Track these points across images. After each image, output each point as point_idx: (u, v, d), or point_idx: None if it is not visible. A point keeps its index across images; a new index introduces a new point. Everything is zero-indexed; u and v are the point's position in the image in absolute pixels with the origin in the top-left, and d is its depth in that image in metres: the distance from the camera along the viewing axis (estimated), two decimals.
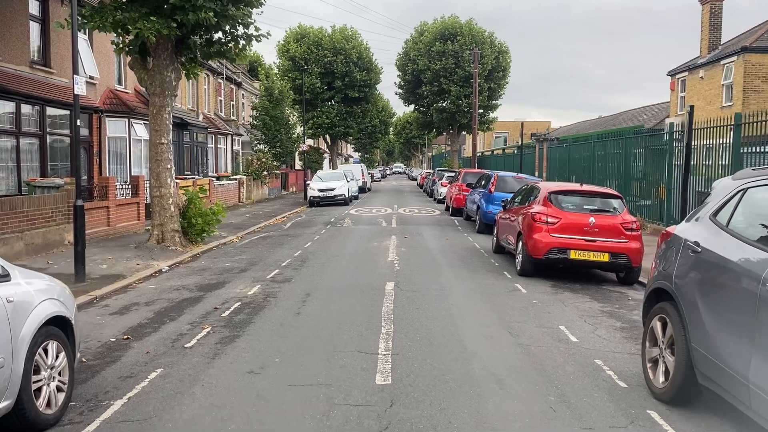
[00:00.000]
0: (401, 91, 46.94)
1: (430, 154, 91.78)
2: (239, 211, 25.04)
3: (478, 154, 39.69)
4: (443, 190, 29.62)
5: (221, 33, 14.07)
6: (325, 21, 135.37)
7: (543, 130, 44.51)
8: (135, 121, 20.87)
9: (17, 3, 15.61)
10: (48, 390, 4.48)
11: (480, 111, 41.15)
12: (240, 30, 13.88)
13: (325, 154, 55.52)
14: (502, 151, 44.22)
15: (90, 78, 19.47)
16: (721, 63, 26.91)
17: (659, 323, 5.23)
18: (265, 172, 34.17)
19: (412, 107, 50.20)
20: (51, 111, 16.51)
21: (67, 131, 17.01)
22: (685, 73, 30.38)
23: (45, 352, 4.49)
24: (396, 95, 48.28)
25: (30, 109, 15.75)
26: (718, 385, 4.35)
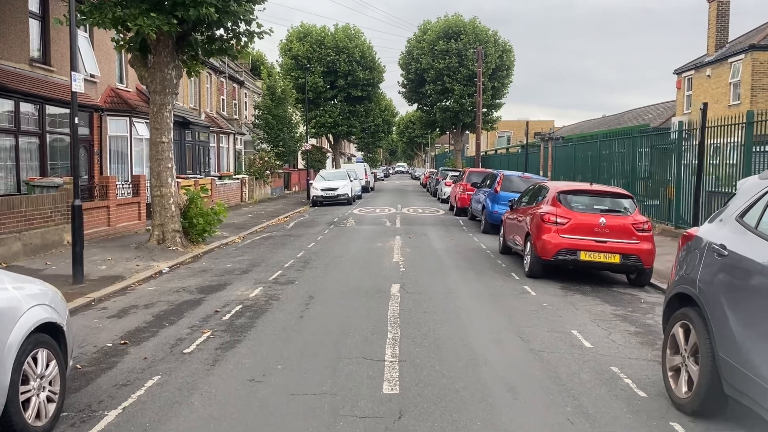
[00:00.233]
0: (404, 90, 46.69)
1: (433, 153, 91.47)
2: (241, 211, 24.81)
3: (481, 153, 39.40)
4: (447, 189, 29.36)
5: (223, 30, 13.83)
6: (327, 19, 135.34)
7: (547, 129, 44.28)
8: (136, 120, 20.64)
9: (16, 0, 15.40)
10: (37, 401, 4.24)
11: (484, 110, 40.85)
12: (242, 27, 13.65)
13: (328, 153, 55.30)
14: (505, 151, 43.94)
15: (91, 76, 19.26)
16: (729, 61, 26.59)
17: (681, 330, 4.97)
18: (268, 171, 33.94)
19: (415, 106, 49.95)
20: (51, 110, 16.30)
21: (68, 130, 16.77)
22: (692, 72, 30.05)
23: (34, 360, 4.25)
24: (399, 94, 48.01)
25: (29, 108, 15.53)
26: (748, 397, 4.09)
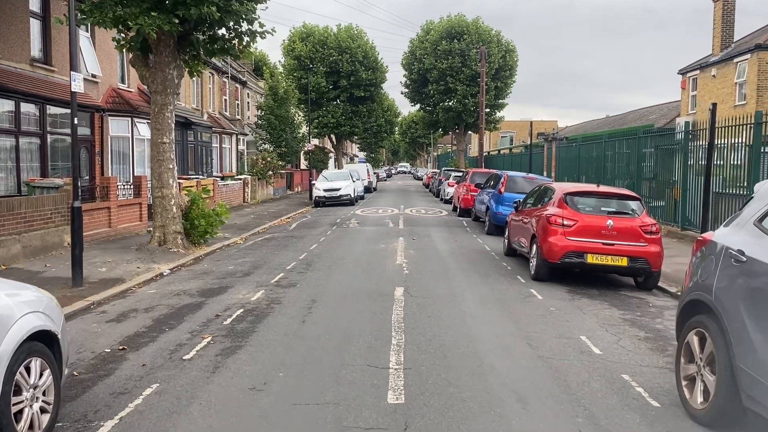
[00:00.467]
0: (407, 90, 46.50)
1: (435, 153, 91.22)
2: (244, 212, 24.67)
3: (484, 153, 39.20)
4: (450, 190, 29.18)
5: (225, 29, 13.69)
6: (330, 19, 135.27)
7: (550, 129, 44.00)
8: (138, 121, 20.52)
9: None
10: (30, 412, 4.09)
11: (486, 110, 40.64)
12: (244, 26, 13.50)
13: (331, 153, 55.15)
14: (508, 151, 43.74)
15: (92, 76, 19.14)
16: (734, 61, 26.38)
17: (696, 338, 4.81)
18: (270, 171, 33.80)
19: (417, 106, 49.78)
20: (52, 110, 16.18)
21: (69, 130, 16.58)
22: (697, 72, 29.83)
23: (27, 370, 4.09)
24: (402, 94, 47.85)
25: (30, 108, 15.41)
26: None
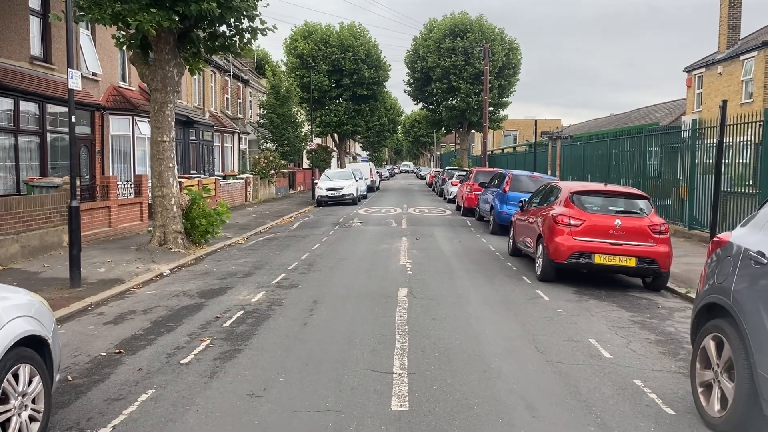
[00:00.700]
0: (410, 89, 46.30)
1: (438, 152, 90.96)
2: (246, 211, 24.52)
3: (488, 152, 38.96)
4: (454, 189, 28.98)
5: (225, 26, 13.51)
6: (333, 17, 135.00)
7: (554, 128, 43.78)
8: (139, 119, 20.36)
9: None
10: (18, 421, 3.91)
11: (490, 109, 40.41)
12: (245, 23, 13.32)
13: (333, 152, 54.98)
14: (512, 150, 43.50)
15: (93, 75, 19.00)
16: (741, 58, 26.11)
17: (713, 343, 4.61)
18: (273, 171, 33.64)
19: (420, 105, 49.56)
20: (52, 108, 16.03)
21: (68, 129, 16.51)
22: (703, 69, 29.57)
23: (15, 377, 3.92)
24: (405, 93, 47.59)
25: (29, 107, 15.27)
26: None
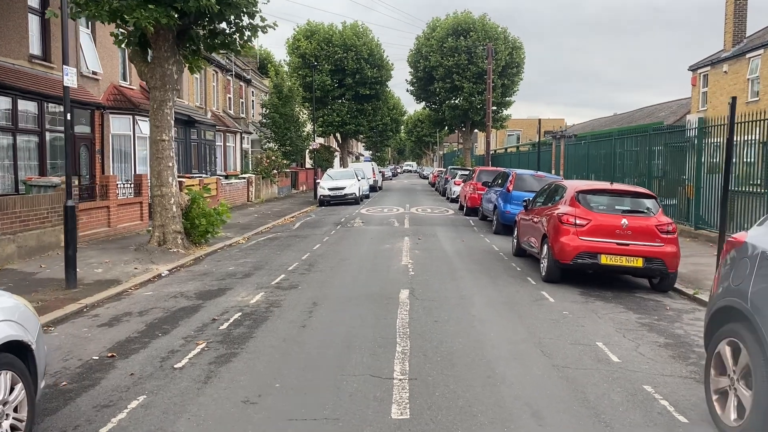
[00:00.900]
0: (413, 88, 46.06)
1: (441, 152, 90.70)
2: (247, 211, 24.35)
3: (491, 152, 38.71)
4: (456, 188, 28.76)
5: (225, 23, 13.33)
6: (335, 15, 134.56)
7: (557, 127, 43.56)
8: (140, 119, 20.18)
9: None
10: None
11: (493, 108, 40.15)
12: (245, 20, 13.12)
13: (336, 152, 54.80)
14: (516, 149, 43.23)
15: (93, 73, 18.85)
16: (747, 56, 25.85)
17: (729, 348, 4.40)
18: (275, 170, 33.48)
19: (423, 104, 49.34)
20: (51, 107, 15.87)
21: (69, 128, 16.36)
22: (708, 68, 29.29)
23: None
24: (407, 92, 47.37)
25: (28, 105, 15.11)
26: None
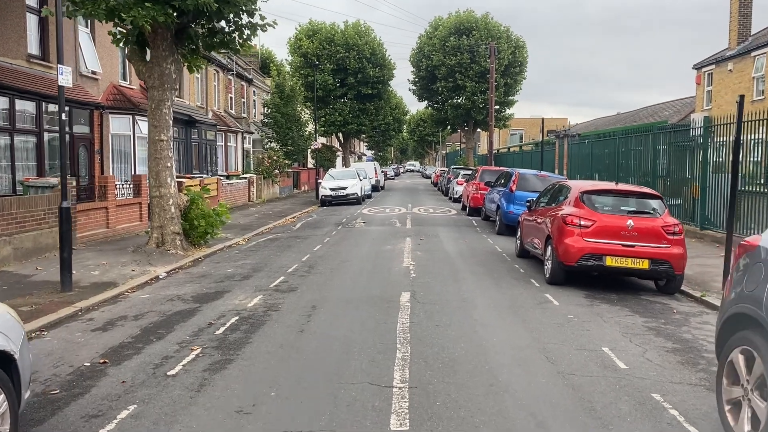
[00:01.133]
0: (415, 88, 45.89)
1: (444, 151, 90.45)
2: (248, 211, 24.20)
3: (494, 151, 38.49)
4: (459, 188, 28.59)
5: (224, 22, 13.16)
6: (337, 14, 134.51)
7: (560, 126, 43.28)
8: (140, 119, 20.03)
9: None
10: None
11: (496, 107, 39.94)
12: (244, 18, 12.95)
13: (338, 152, 54.64)
14: (519, 149, 43.03)
15: (93, 73, 18.71)
16: (752, 55, 25.60)
17: (742, 357, 4.21)
18: (277, 170, 33.32)
19: (425, 104, 49.15)
20: (50, 107, 15.72)
21: (67, 128, 16.18)
22: (712, 66, 29.03)
23: None
24: (409, 92, 47.22)
25: (26, 105, 14.98)
26: None
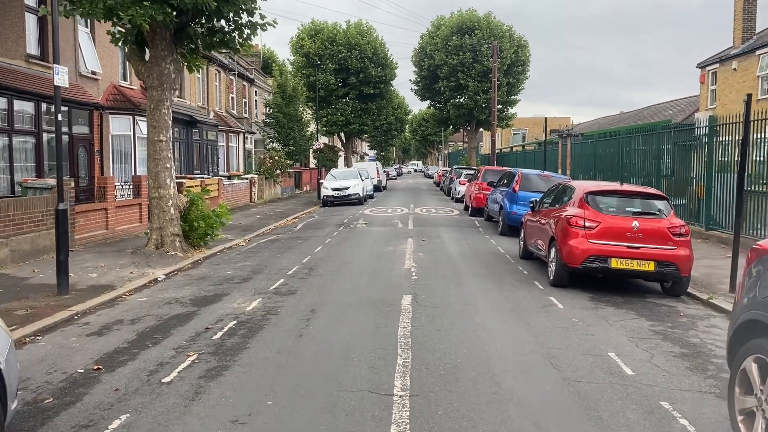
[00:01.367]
0: (417, 87, 45.73)
1: (446, 151, 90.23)
2: (250, 212, 24.07)
3: (497, 151, 38.31)
4: (461, 188, 28.42)
5: (224, 21, 13.03)
6: (339, 14, 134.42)
7: (563, 126, 43.03)
8: (140, 119, 19.89)
9: None
10: None
11: (498, 107, 39.76)
12: (244, 17, 12.82)
13: (340, 152, 54.50)
14: (521, 148, 42.85)
15: (93, 73, 18.60)
16: (757, 53, 25.39)
17: (755, 366, 4.06)
18: (278, 170, 33.19)
19: (427, 104, 49.00)
20: (50, 108, 15.58)
21: (66, 129, 16.13)
22: (717, 65, 28.82)
23: None
24: (411, 91, 47.07)
25: (25, 106, 14.85)
26: None
